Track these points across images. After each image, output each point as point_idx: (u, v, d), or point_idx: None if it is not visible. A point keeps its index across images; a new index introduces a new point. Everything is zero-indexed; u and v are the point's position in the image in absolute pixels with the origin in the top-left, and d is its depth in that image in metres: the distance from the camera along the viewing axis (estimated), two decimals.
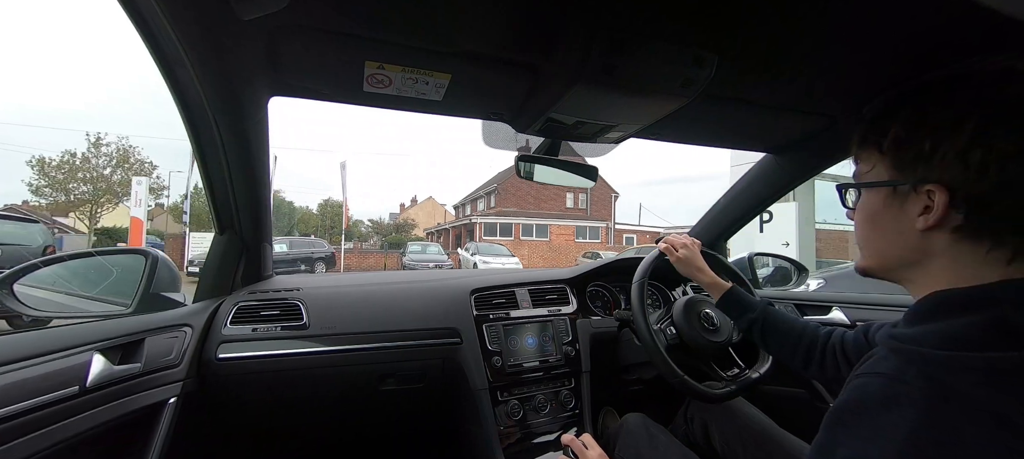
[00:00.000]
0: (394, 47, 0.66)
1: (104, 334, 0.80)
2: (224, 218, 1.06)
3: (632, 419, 0.99)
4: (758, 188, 1.32)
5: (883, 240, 0.48)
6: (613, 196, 25.64)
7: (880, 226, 0.48)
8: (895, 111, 0.46)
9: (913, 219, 0.43)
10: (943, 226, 0.41)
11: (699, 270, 0.99)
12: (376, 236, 33.17)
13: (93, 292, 1.01)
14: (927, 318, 0.42)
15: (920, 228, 0.43)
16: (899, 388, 0.37)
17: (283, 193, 26.99)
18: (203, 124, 0.81)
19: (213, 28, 0.60)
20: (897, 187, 0.45)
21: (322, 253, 13.65)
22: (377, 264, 17.81)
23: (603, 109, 0.77)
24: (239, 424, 1.11)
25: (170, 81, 0.72)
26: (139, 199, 11.51)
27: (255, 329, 1.03)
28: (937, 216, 0.41)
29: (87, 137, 18.67)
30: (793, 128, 1.00)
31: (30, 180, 18.09)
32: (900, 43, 0.61)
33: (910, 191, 0.43)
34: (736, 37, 0.62)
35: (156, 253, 1.05)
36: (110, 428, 0.75)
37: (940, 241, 0.43)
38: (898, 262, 0.47)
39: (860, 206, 0.50)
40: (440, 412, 1.26)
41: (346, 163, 14.65)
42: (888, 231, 0.47)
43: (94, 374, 0.73)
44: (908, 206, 0.44)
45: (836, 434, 0.39)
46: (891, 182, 0.45)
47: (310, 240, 15.59)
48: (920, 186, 0.42)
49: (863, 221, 0.50)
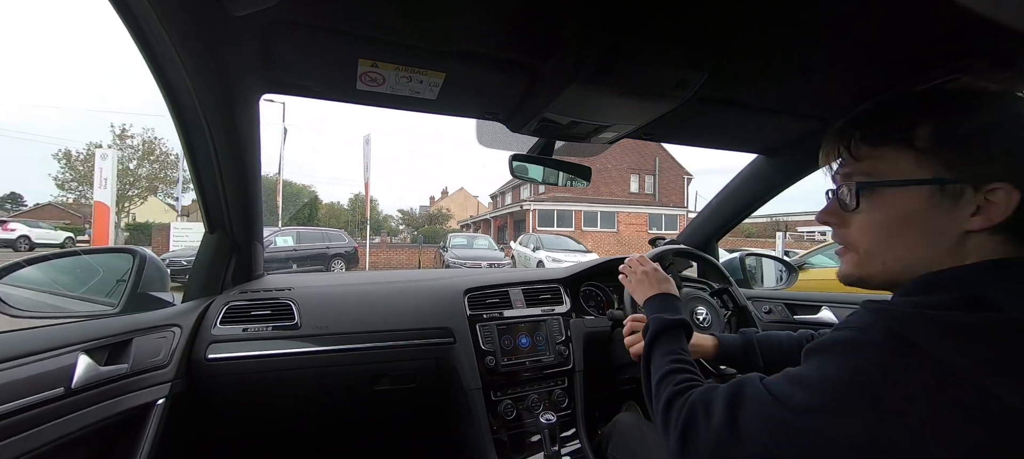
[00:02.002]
0: (388, 45, 0.66)
1: (90, 334, 0.79)
2: (214, 216, 1.04)
3: (625, 418, 1.00)
4: (750, 189, 1.33)
5: (916, 243, 0.44)
6: (686, 179, 21.89)
7: (914, 228, 0.44)
8: (917, 109, 0.44)
9: (963, 219, 0.41)
10: (993, 228, 0.40)
11: (660, 287, 0.83)
12: (406, 229, 30.54)
13: (79, 292, 0.99)
14: (906, 294, 0.43)
15: (973, 229, 0.41)
16: (863, 337, 0.39)
17: (295, 179, 23.91)
18: (193, 121, 0.80)
19: (204, 24, 0.60)
20: (945, 185, 0.41)
21: (341, 248, 10.91)
22: (409, 262, 14.62)
23: (598, 110, 0.77)
24: (229, 425, 1.09)
25: (159, 78, 0.70)
26: (104, 179, 9.06)
27: (246, 329, 1.01)
28: (1001, 215, 0.40)
29: (112, 129, 18.23)
30: (784, 130, 1.02)
31: (57, 174, 17.67)
32: (890, 48, 0.62)
33: (965, 190, 0.41)
34: (729, 41, 0.63)
35: (144, 252, 1.03)
36: (97, 430, 0.74)
37: (977, 241, 0.41)
38: (924, 267, 0.43)
39: (880, 207, 0.46)
40: (433, 412, 1.26)
41: (370, 137, 12.66)
42: (926, 233, 0.43)
43: (80, 375, 0.72)
44: (961, 206, 0.41)
45: (803, 364, 0.43)
46: (947, 180, 0.41)
47: (325, 232, 11.82)
48: (982, 185, 0.40)
49: (885, 224, 0.45)
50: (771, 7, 0.56)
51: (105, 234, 8.39)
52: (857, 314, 0.42)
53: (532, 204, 18.15)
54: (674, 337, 0.66)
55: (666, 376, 0.58)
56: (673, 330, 0.67)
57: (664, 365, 0.60)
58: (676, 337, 0.66)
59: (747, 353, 0.83)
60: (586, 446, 1.13)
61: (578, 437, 1.16)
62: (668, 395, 0.54)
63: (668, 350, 0.63)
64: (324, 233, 11.68)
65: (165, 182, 19.62)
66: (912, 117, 0.44)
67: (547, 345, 1.21)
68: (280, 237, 10.09)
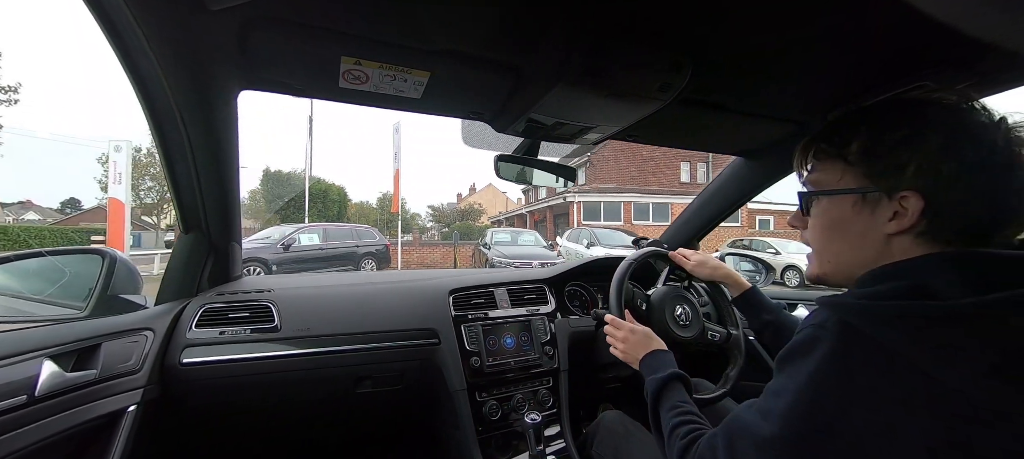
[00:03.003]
0: (372, 43, 0.65)
1: (56, 339, 0.75)
2: (190, 217, 1.01)
3: (609, 416, 1.01)
4: (729, 191, 1.36)
5: (846, 245, 0.50)
6: None
7: (844, 232, 0.50)
8: (855, 125, 0.49)
9: (882, 224, 0.46)
10: (909, 230, 0.45)
11: (716, 268, 1.00)
12: (436, 226, 28.80)
13: (44, 295, 0.95)
14: (859, 286, 0.48)
15: (890, 232, 0.46)
16: (820, 332, 0.44)
17: (325, 177, 22.72)
18: (168, 118, 0.77)
19: (180, 18, 0.58)
20: (867, 195, 0.47)
21: (371, 246, 9.82)
22: (445, 260, 13.48)
23: (582, 111, 0.78)
24: (206, 431, 1.06)
25: (131, 73, 0.68)
26: (118, 174, 8.22)
27: (223, 332, 0.98)
28: (910, 220, 0.44)
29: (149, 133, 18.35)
30: (763, 133, 1.04)
31: (101, 177, 17.07)
32: (862, 56, 0.64)
33: (882, 198, 0.46)
34: (710, 45, 0.64)
35: (114, 252, 0.99)
36: (63, 439, 0.71)
37: (901, 243, 0.46)
38: (858, 266, 0.49)
39: (820, 213, 0.52)
40: (418, 413, 1.25)
41: (400, 124, 12.04)
42: (852, 236, 0.49)
43: (44, 382, 0.69)
44: (879, 212, 0.46)
45: (775, 375, 0.47)
46: (865, 189, 0.47)
47: (354, 229, 10.57)
48: (894, 193, 0.45)
49: (824, 228, 0.52)
50: (751, 14, 0.57)
51: (120, 232, 7.48)
52: (816, 311, 0.46)
53: (576, 196, 16.15)
54: (673, 391, 0.71)
55: (674, 431, 0.62)
56: (670, 385, 0.72)
57: (670, 420, 0.65)
58: (675, 390, 0.71)
59: (771, 312, 0.91)
60: (571, 445, 1.13)
61: (563, 436, 1.16)
62: (679, 449, 0.59)
63: (671, 406, 0.67)
64: (353, 230, 10.55)
65: None
66: (850, 133, 0.49)
67: (532, 345, 1.21)
68: (305, 234, 9.04)
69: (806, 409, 0.41)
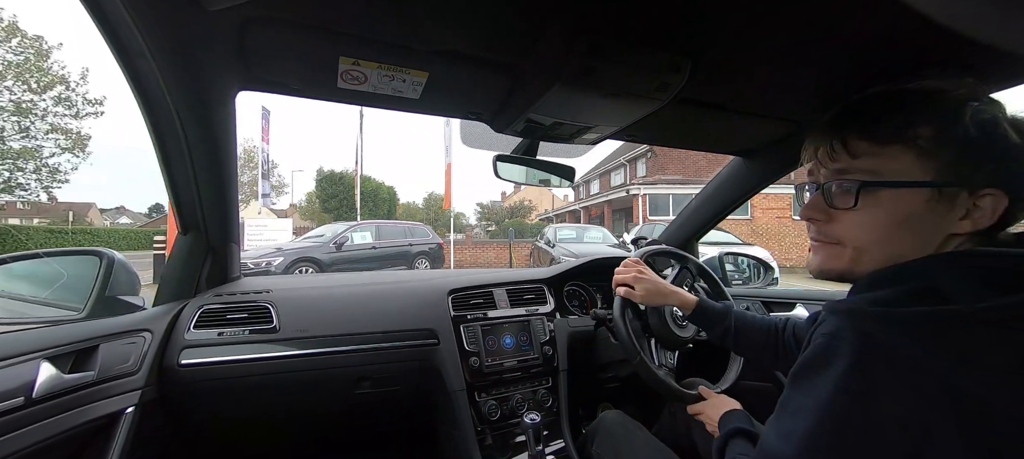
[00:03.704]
0: (370, 43, 0.65)
1: (53, 341, 0.75)
2: (188, 218, 1.01)
3: (609, 416, 1.01)
4: (727, 190, 1.36)
5: (908, 243, 0.44)
6: None
7: (910, 228, 0.44)
8: (919, 108, 0.43)
9: (952, 222, 0.42)
10: (977, 229, 0.42)
11: (665, 296, 0.95)
12: (480, 224, 28.12)
13: (41, 296, 0.94)
14: (865, 290, 0.45)
15: (958, 231, 0.42)
16: (836, 343, 0.40)
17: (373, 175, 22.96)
18: (165, 119, 0.77)
19: (177, 18, 0.57)
20: (945, 189, 0.42)
21: (424, 245, 9.45)
22: (500, 259, 12.60)
23: (581, 111, 0.78)
24: (205, 433, 1.06)
25: (129, 73, 0.68)
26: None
27: (221, 333, 0.98)
28: (989, 220, 0.41)
29: None
30: (760, 133, 1.04)
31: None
32: (861, 55, 0.65)
33: (961, 193, 0.42)
34: (708, 44, 0.64)
35: (112, 254, 0.99)
36: (61, 441, 0.71)
37: (956, 243, 0.43)
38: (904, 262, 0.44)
39: (878, 206, 0.45)
40: (417, 414, 1.24)
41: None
42: (919, 232, 0.44)
43: (42, 384, 0.68)
44: (955, 208, 0.42)
45: (790, 390, 0.44)
46: (946, 183, 0.42)
47: (407, 227, 10.09)
48: (975, 190, 0.41)
49: (884, 224, 0.45)
50: (748, 14, 0.57)
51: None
52: (827, 321, 0.43)
53: (641, 188, 14.53)
54: (737, 444, 0.72)
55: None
56: (734, 439, 0.73)
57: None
58: (738, 443, 0.72)
59: (722, 320, 0.91)
60: (570, 445, 1.13)
61: (562, 436, 1.16)
62: None
63: (732, 456, 0.70)
64: (406, 228, 9.99)
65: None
66: (914, 116, 0.43)
67: (531, 345, 1.21)
68: (357, 232, 8.63)
69: (831, 427, 0.38)
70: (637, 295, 0.96)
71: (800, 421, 0.41)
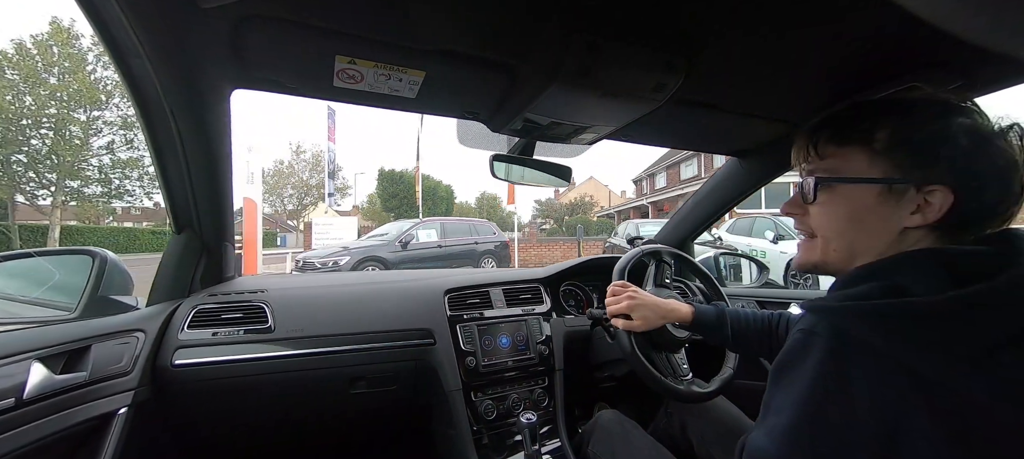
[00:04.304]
0: (367, 42, 0.64)
1: (45, 341, 0.74)
2: (182, 217, 1.00)
3: (606, 415, 1.01)
4: (723, 190, 1.37)
5: (862, 235, 0.49)
6: None
7: (863, 221, 0.48)
8: (882, 114, 0.48)
9: (903, 216, 0.46)
10: (928, 224, 0.45)
11: (663, 316, 0.94)
12: (534, 222, 26.79)
13: (33, 296, 0.93)
14: (840, 288, 0.48)
15: (908, 225, 0.45)
16: (811, 338, 0.44)
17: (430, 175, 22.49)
18: (159, 117, 0.77)
19: (172, 17, 0.57)
20: (894, 186, 0.46)
21: (490, 242, 8.96)
22: (568, 257, 9.97)
23: (577, 111, 0.78)
24: (199, 434, 1.05)
25: (122, 71, 0.67)
26: (251, 173, 8.21)
27: (215, 333, 0.98)
28: (935, 215, 0.44)
29: (290, 145, 21.36)
30: (756, 133, 1.05)
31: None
32: (855, 58, 0.65)
33: (909, 190, 0.45)
34: (704, 45, 0.65)
35: (104, 253, 0.98)
36: (53, 442, 0.70)
37: (914, 236, 0.46)
38: (867, 256, 0.48)
39: (835, 201, 0.50)
40: (413, 414, 1.24)
41: None
42: (871, 226, 0.48)
43: (33, 384, 0.68)
44: (903, 204, 0.46)
45: (772, 388, 0.46)
46: (893, 180, 0.46)
47: (472, 224, 9.63)
48: (924, 186, 0.44)
49: (839, 216, 0.50)
50: (744, 15, 0.58)
51: (254, 231, 7.66)
52: (803, 318, 0.46)
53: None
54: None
55: None
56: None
57: None
58: None
59: (720, 325, 0.91)
60: (566, 444, 1.14)
61: (558, 435, 1.16)
62: None
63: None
64: (471, 225, 9.50)
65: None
66: (874, 121, 0.48)
67: (528, 345, 1.21)
68: (422, 229, 8.32)
69: (809, 420, 0.40)
70: (637, 325, 0.93)
71: (781, 418, 0.43)
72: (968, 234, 0.45)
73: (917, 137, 0.45)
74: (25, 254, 0.95)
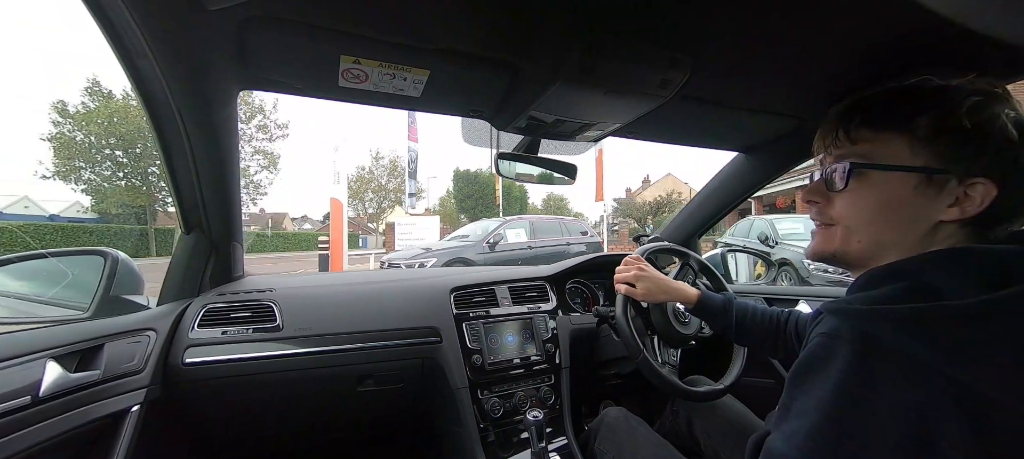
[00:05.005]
0: (371, 42, 0.65)
1: (59, 340, 0.76)
2: (191, 216, 1.01)
3: (612, 412, 1.01)
4: (730, 187, 1.36)
5: (892, 226, 0.46)
6: None
7: (895, 212, 0.45)
8: (923, 100, 0.45)
9: (940, 209, 0.43)
10: (966, 218, 0.42)
11: (667, 292, 0.95)
12: (605, 222, 27.07)
13: (47, 296, 0.95)
14: (862, 289, 0.46)
15: (945, 219, 0.43)
16: (834, 342, 0.41)
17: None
18: (167, 118, 0.77)
19: (179, 18, 0.58)
20: (934, 176, 0.43)
21: (582, 242, 8.10)
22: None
23: (582, 108, 0.77)
24: (209, 431, 1.06)
25: (130, 73, 0.68)
26: (337, 173, 8.58)
27: (225, 332, 0.99)
28: (976, 208, 0.42)
29: (370, 152, 23.52)
30: (762, 129, 1.04)
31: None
32: (864, 51, 0.64)
33: (950, 181, 0.42)
34: (709, 41, 0.64)
35: (116, 254, 0.99)
36: (67, 439, 0.71)
37: (946, 231, 0.44)
38: (895, 250, 0.45)
39: (865, 190, 0.47)
40: (420, 412, 1.25)
41: None
42: (904, 218, 0.45)
43: (48, 383, 0.69)
44: (942, 196, 0.43)
45: (791, 392, 0.44)
46: (935, 170, 0.43)
47: (564, 222, 8.79)
48: (966, 179, 0.42)
49: (871, 206, 0.47)
50: (748, 10, 0.57)
51: (340, 230, 8.06)
52: (824, 320, 0.44)
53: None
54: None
55: None
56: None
57: None
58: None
59: (725, 313, 0.90)
60: (573, 442, 1.14)
61: (565, 433, 1.16)
62: None
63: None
64: (561, 223, 8.61)
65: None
66: (915, 106, 0.45)
67: (534, 343, 1.21)
68: (510, 229, 7.58)
69: (833, 426, 0.39)
70: (639, 293, 0.95)
71: (802, 422, 0.41)
72: (996, 231, 0.43)
73: (963, 125, 0.42)
74: (39, 254, 0.96)
